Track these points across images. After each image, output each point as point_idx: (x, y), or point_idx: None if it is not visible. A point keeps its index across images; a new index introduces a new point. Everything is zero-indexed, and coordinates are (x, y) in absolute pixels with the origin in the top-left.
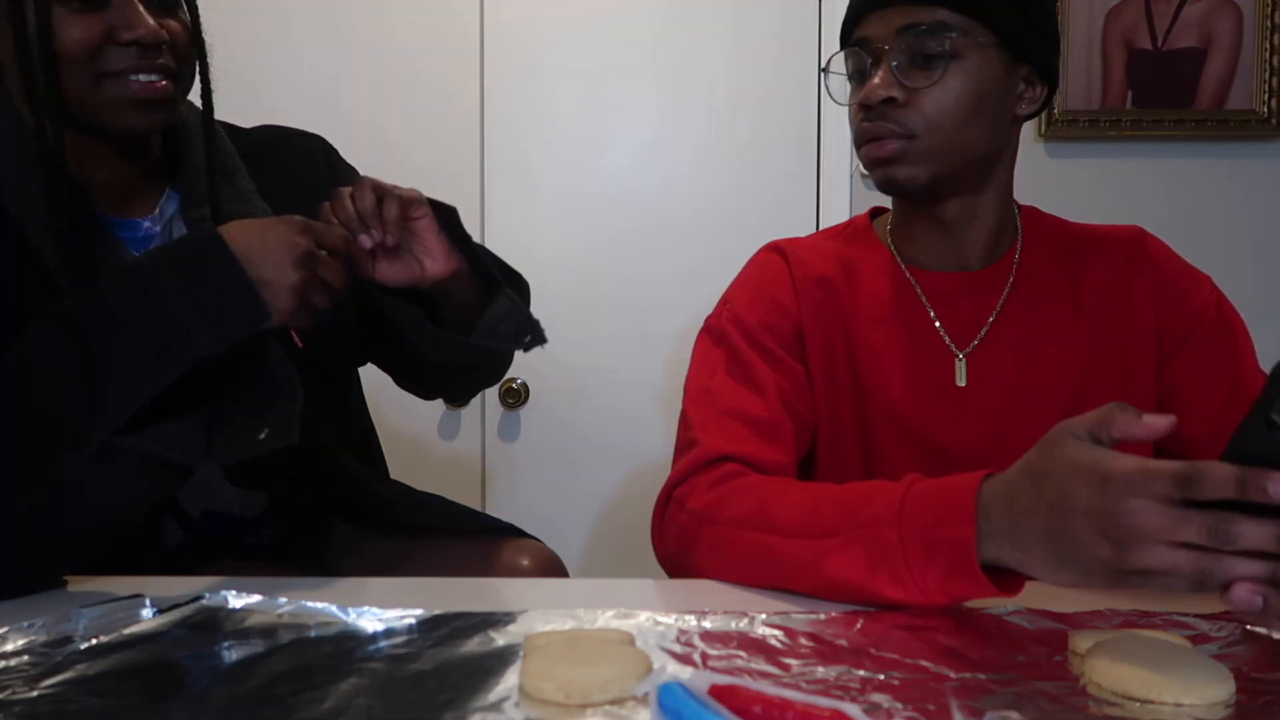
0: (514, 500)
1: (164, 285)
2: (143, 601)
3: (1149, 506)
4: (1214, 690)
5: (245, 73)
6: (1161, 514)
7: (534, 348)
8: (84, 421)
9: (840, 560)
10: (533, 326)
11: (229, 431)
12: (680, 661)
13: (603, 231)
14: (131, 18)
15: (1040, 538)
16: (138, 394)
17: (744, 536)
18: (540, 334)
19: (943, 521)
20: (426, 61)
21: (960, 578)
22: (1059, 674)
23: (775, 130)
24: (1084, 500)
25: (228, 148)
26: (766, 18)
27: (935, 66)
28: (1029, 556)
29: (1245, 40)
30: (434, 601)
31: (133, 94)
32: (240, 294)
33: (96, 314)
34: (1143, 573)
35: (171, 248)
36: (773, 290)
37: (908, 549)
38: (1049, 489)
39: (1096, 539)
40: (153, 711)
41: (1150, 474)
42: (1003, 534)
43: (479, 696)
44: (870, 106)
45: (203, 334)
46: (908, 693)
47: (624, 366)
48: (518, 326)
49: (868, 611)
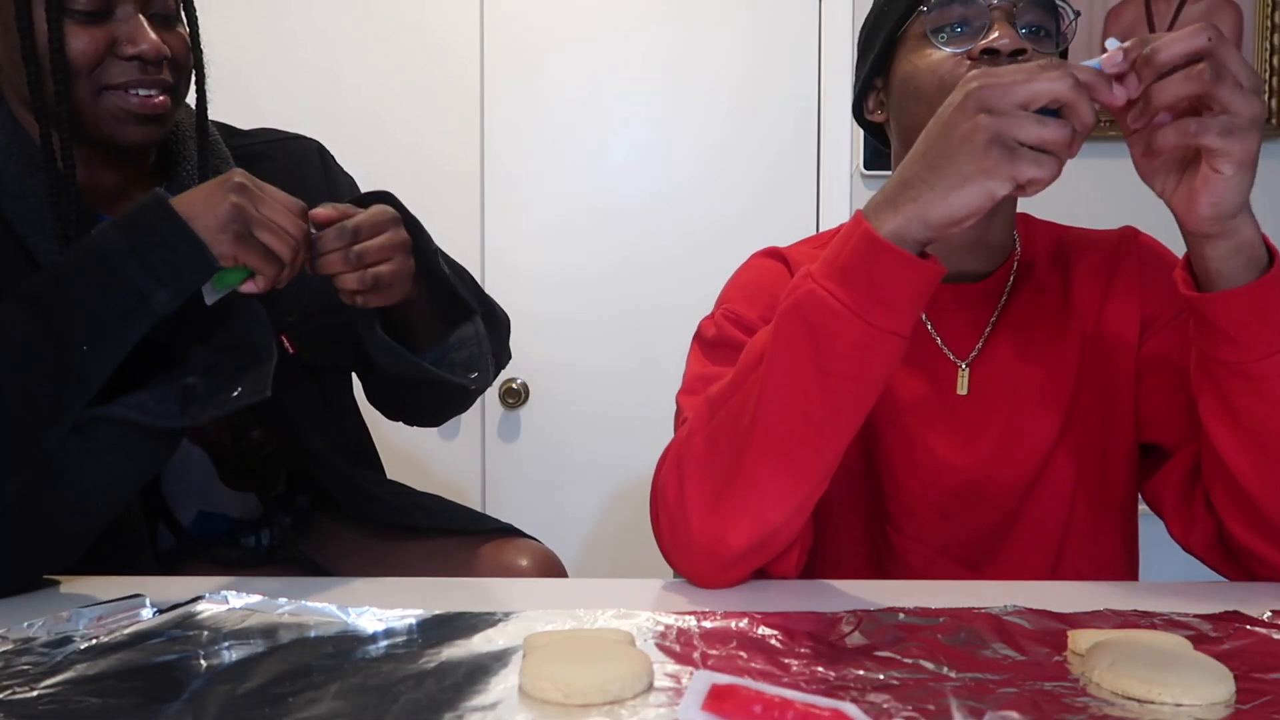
0: (514, 500)
1: (111, 249)
2: (142, 601)
3: (1013, 69)
4: (1214, 690)
5: (244, 73)
6: (1022, 77)
7: (477, 387)
8: (57, 396)
9: (784, 345)
10: (483, 364)
11: (203, 393)
12: (680, 661)
13: (602, 231)
14: (135, 32)
15: (918, 154)
16: (104, 360)
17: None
18: (487, 376)
19: (838, 246)
20: (426, 62)
21: (869, 260)
22: (1059, 674)
23: (775, 130)
24: (953, 99)
25: (222, 152)
26: (767, 18)
27: (1051, 39)
28: (910, 179)
29: (1245, 40)
30: (434, 601)
31: (132, 108)
32: (184, 244)
33: (54, 287)
34: (1014, 146)
35: (122, 219)
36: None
37: (828, 286)
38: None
39: (963, 115)
40: (153, 711)
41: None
42: (887, 190)
43: (478, 696)
44: (998, 53)
45: (157, 292)
46: (908, 693)
47: (624, 366)
48: (470, 359)
49: (868, 611)
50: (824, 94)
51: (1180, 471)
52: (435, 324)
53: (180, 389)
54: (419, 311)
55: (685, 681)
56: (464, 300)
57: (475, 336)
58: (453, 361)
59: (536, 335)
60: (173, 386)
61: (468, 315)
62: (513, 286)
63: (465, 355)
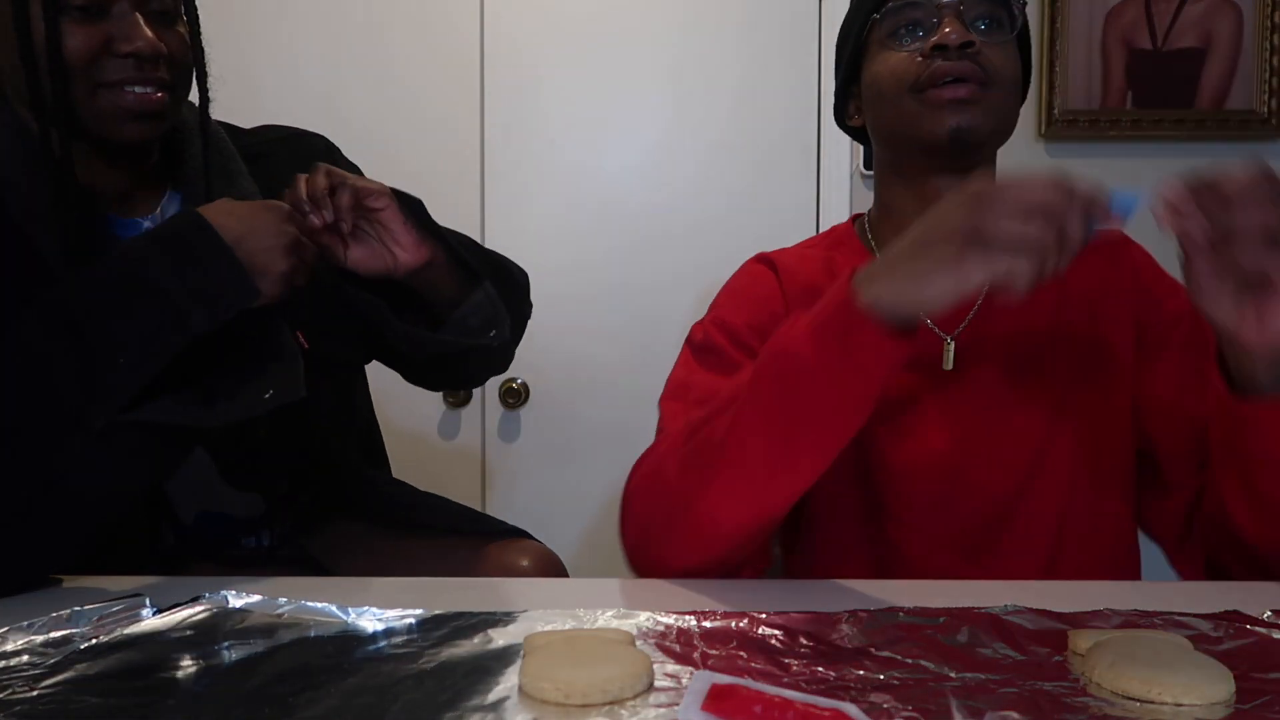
0: (514, 500)
1: (155, 269)
2: (143, 601)
3: (1007, 182)
4: (1214, 690)
5: (245, 74)
6: (1020, 183)
7: (500, 343)
8: (83, 406)
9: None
10: (500, 320)
11: (230, 393)
12: (680, 661)
13: (602, 232)
14: (130, 30)
15: (908, 237)
16: (137, 375)
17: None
18: (505, 332)
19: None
20: (426, 63)
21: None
22: (1059, 674)
23: (775, 130)
24: (955, 196)
25: (228, 150)
26: (766, 19)
27: (1003, 29)
28: (895, 257)
29: (1245, 40)
30: (434, 601)
31: (128, 105)
32: (230, 276)
33: (90, 300)
34: (991, 242)
35: (160, 233)
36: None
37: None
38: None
39: (955, 209)
40: (153, 711)
41: None
42: (877, 262)
43: (479, 696)
44: (947, 47)
45: (195, 314)
46: (908, 693)
47: (624, 366)
48: (486, 320)
49: (868, 611)
50: (824, 94)
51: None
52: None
53: (201, 389)
54: (439, 278)
55: (685, 681)
56: (472, 267)
57: (488, 299)
58: (470, 327)
59: (537, 335)
60: (192, 388)
61: (477, 282)
62: None
63: (481, 318)
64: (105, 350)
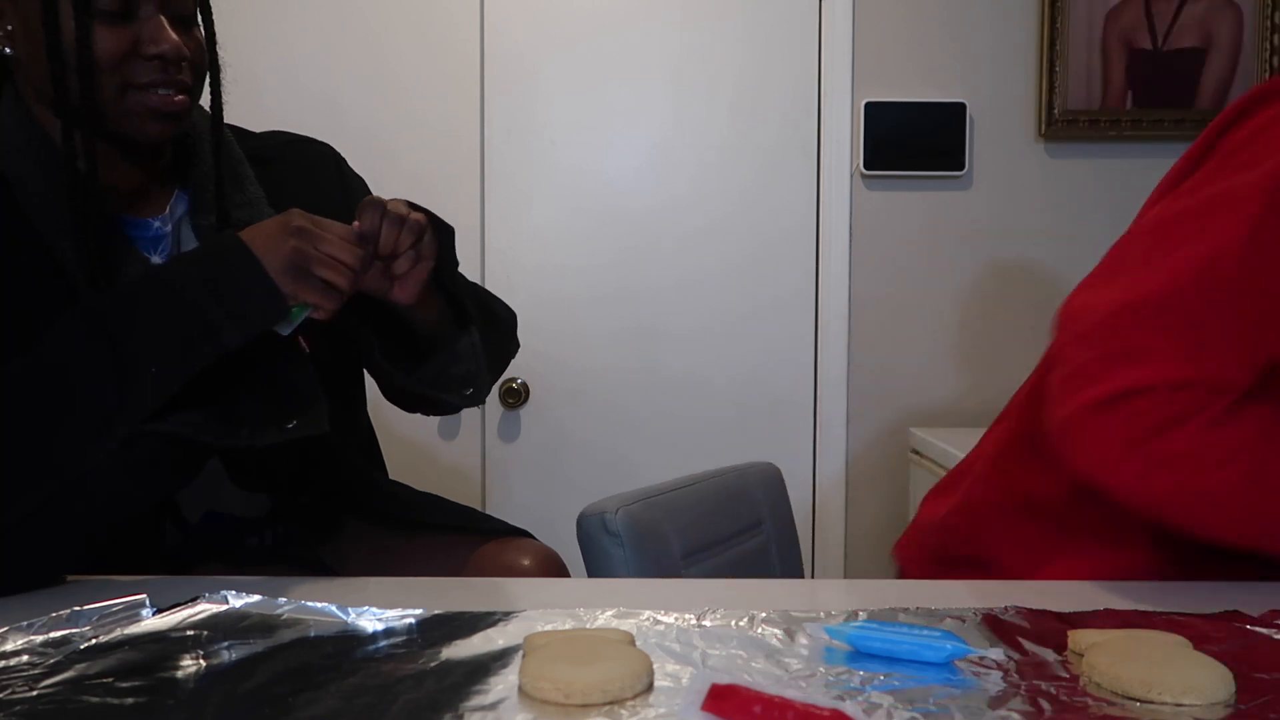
0: (514, 500)
1: (193, 287)
2: (143, 601)
3: None
4: (1214, 690)
5: (245, 75)
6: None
7: (474, 403)
8: (110, 415)
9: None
10: (478, 379)
11: (253, 420)
12: (680, 662)
13: (602, 232)
14: (157, 33)
15: None
16: (167, 386)
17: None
18: (482, 392)
19: None
20: (426, 66)
21: None
22: (1059, 674)
23: (775, 131)
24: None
25: (236, 154)
26: (766, 19)
27: None
28: None
29: (1245, 40)
30: (434, 601)
31: (153, 106)
32: (264, 295)
33: (126, 313)
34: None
35: (198, 254)
36: None
37: None
38: None
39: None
40: (153, 711)
41: None
42: None
43: (478, 696)
44: None
45: (228, 330)
46: (908, 693)
47: (624, 367)
48: (468, 372)
49: (867, 611)
50: (824, 94)
51: None
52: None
53: (226, 409)
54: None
55: (685, 681)
56: (466, 311)
57: (472, 350)
58: (450, 376)
59: (536, 335)
60: (212, 409)
61: (465, 325)
62: (513, 287)
63: (462, 370)
64: (137, 361)
